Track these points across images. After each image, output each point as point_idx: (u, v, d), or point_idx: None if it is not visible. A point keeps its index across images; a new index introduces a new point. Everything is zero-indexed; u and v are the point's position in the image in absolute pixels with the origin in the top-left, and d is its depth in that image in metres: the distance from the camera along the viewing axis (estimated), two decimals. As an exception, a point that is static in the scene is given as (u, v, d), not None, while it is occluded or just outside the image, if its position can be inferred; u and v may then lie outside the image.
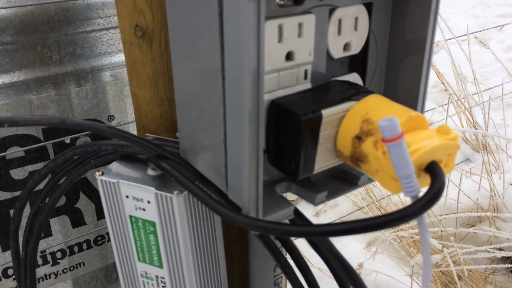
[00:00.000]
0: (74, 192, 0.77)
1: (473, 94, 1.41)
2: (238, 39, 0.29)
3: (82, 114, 0.74)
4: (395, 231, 1.06)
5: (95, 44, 0.72)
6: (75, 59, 0.71)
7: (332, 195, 0.38)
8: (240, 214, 0.32)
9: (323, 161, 0.35)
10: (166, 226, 0.42)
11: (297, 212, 0.37)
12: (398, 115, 0.32)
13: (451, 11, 3.60)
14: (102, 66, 0.74)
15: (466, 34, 1.29)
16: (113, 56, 0.75)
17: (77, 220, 0.79)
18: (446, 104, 1.25)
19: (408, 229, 1.09)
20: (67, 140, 0.72)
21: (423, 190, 0.30)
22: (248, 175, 0.32)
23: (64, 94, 0.71)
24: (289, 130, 0.33)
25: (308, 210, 1.28)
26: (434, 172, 0.30)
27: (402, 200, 1.22)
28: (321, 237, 0.37)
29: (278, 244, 0.43)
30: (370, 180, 0.40)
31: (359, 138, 0.32)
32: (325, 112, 0.33)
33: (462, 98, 1.29)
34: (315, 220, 1.25)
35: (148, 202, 0.42)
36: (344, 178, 0.40)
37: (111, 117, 0.77)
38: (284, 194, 0.39)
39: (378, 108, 0.33)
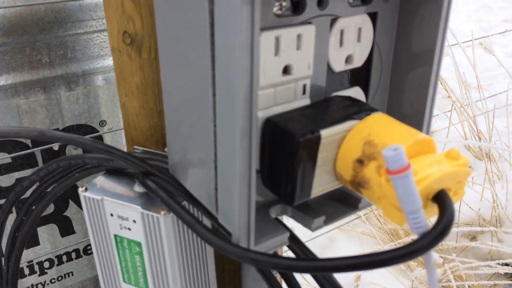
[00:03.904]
0: (63, 199, 0.74)
1: (476, 101, 1.38)
2: (230, 52, 0.26)
3: (72, 119, 0.71)
4: (394, 243, 1.03)
5: (87, 47, 0.70)
6: (66, 62, 0.68)
7: (330, 219, 0.35)
8: (230, 243, 0.29)
9: (321, 185, 0.32)
10: (153, 247, 0.39)
11: (293, 238, 0.35)
12: (404, 137, 0.29)
13: (454, 14, 3.58)
14: (94, 70, 0.71)
15: (471, 40, 1.27)
16: (106, 59, 0.72)
17: (66, 229, 0.76)
18: (449, 111, 1.22)
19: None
20: (55, 146, 0.69)
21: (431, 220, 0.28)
22: (239, 199, 0.29)
23: (53, 98, 0.68)
24: (285, 151, 0.30)
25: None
26: (443, 202, 0.27)
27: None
28: (319, 273, 0.34)
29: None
30: (371, 203, 0.37)
31: (360, 162, 0.30)
32: (325, 133, 0.30)
33: (466, 105, 1.27)
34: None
35: (134, 221, 0.39)
36: (344, 200, 0.37)
37: (103, 123, 0.74)
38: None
39: (381, 129, 0.30)
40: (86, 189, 0.41)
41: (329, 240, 1.18)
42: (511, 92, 1.44)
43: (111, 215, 0.40)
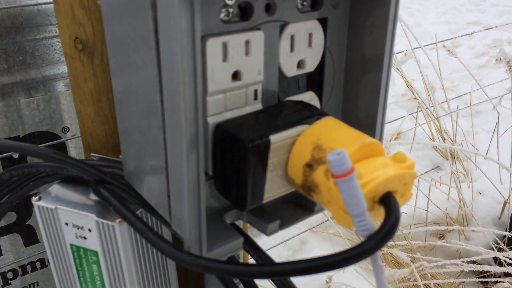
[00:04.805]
0: (26, 208, 0.72)
1: (442, 102, 1.41)
2: (173, 59, 0.26)
3: (33, 126, 0.69)
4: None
5: (47, 52, 0.68)
6: (25, 68, 0.67)
7: (285, 224, 0.35)
8: (181, 250, 0.29)
9: (274, 189, 0.32)
10: (110, 255, 0.39)
11: (250, 243, 0.35)
12: (351, 141, 0.29)
13: (424, 17, 3.65)
14: (55, 75, 0.70)
15: (435, 43, 1.29)
16: (67, 65, 0.71)
17: (30, 238, 0.74)
18: (415, 112, 1.25)
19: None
20: (15, 154, 0.68)
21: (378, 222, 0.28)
22: (189, 205, 0.29)
23: (13, 105, 0.67)
24: (235, 158, 0.30)
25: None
26: (388, 205, 0.27)
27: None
28: (271, 278, 0.34)
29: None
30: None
31: (310, 166, 0.30)
32: (274, 138, 0.30)
33: (431, 107, 1.29)
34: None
35: (89, 230, 0.38)
36: (300, 204, 0.37)
37: (65, 129, 0.72)
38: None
39: (330, 134, 0.30)
40: (39, 198, 0.40)
41: (301, 243, 1.19)
42: (475, 93, 1.48)
43: (66, 224, 0.39)
